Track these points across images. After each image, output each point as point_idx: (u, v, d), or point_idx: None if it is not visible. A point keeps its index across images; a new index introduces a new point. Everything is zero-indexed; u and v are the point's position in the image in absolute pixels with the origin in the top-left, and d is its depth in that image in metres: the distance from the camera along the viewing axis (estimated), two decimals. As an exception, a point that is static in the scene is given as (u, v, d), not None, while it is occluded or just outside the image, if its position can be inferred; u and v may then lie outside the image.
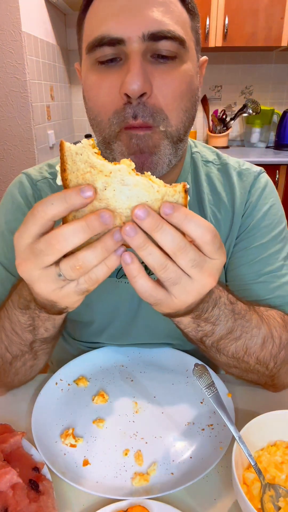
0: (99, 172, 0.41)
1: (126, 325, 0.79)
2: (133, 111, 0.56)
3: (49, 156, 2.40)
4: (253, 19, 2.47)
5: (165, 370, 0.77)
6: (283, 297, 0.72)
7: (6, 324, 0.60)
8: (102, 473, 0.56)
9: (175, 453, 0.60)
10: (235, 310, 0.59)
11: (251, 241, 0.74)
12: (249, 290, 0.73)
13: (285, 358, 0.66)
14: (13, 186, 0.77)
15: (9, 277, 0.73)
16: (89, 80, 0.60)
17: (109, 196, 0.42)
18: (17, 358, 0.64)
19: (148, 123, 0.57)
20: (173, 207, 0.41)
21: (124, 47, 0.55)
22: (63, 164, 0.42)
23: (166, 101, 0.57)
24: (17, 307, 0.57)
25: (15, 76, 2.02)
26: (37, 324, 0.57)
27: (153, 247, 0.42)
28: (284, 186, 2.61)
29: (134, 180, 0.41)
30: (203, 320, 0.56)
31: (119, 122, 0.58)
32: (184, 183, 0.42)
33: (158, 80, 0.57)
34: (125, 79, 0.55)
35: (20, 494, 0.49)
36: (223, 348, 0.62)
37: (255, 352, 0.63)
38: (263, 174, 0.79)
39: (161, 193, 0.42)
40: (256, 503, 0.50)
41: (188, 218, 0.41)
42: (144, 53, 0.56)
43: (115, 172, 0.41)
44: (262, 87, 3.06)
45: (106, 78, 0.58)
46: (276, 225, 0.75)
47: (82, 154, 0.41)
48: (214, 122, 2.98)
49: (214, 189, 0.77)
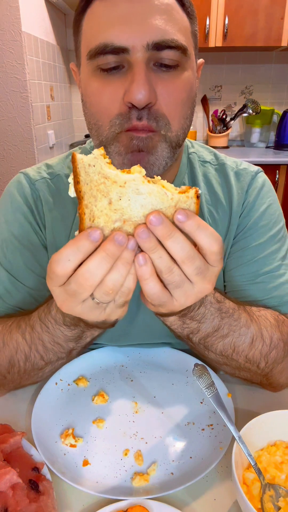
0: (113, 183, 0.42)
1: (125, 326, 0.79)
2: (138, 113, 0.57)
3: (49, 156, 2.40)
4: (253, 19, 2.47)
5: (165, 370, 0.77)
6: (281, 297, 0.72)
7: (45, 337, 0.61)
8: (102, 473, 0.56)
9: (175, 453, 0.60)
10: (222, 309, 0.60)
11: (248, 241, 0.75)
12: (246, 291, 0.73)
13: (277, 358, 0.66)
14: (11, 185, 0.77)
15: (11, 279, 0.73)
16: (91, 87, 0.59)
17: (124, 205, 0.42)
18: (51, 363, 0.66)
19: (152, 126, 0.58)
20: (187, 215, 0.42)
21: (128, 56, 0.55)
22: (76, 177, 0.42)
23: (169, 109, 0.58)
24: (62, 324, 0.58)
25: (15, 76, 2.03)
26: (85, 335, 0.60)
27: (163, 251, 0.43)
28: (284, 186, 2.61)
29: (148, 188, 0.42)
30: (188, 318, 0.57)
31: (122, 123, 0.58)
32: (197, 189, 0.43)
33: (161, 89, 0.57)
34: (131, 88, 0.55)
35: (20, 494, 0.49)
36: (211, 345, 0.63)
37: (243, 351, 0.64)
38: (261, 174, 0.79)
39: (174, 200, 0.43)
40: (256, 503, 0.50)
41: (200, 228, 0.43)
42: (148, 61, 0.56)
43: (129, 182, 0.42)
44: (262, 87, 3.06)
45: (108, 85, 0.57)
46: (273, 224, 0.75)
47: (95, 165, 0.42)
48: (214, 122, 2.98)
49: (211, 189, 0.77)
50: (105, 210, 0.43)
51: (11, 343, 0.64)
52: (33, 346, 0.63)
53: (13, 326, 0.66)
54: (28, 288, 0.73)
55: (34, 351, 0.63)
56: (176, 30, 0.57)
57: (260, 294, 0.72)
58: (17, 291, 0.73)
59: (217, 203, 0.76)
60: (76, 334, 0.59)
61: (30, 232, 0.74)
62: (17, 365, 0.65)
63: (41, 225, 0.74)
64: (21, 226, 0.73)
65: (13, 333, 0.65)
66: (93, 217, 0.43)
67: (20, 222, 0.73)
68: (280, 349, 0.66)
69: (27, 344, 0.63)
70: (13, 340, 0.64)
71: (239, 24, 2.49)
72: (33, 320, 0.62)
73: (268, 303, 0.72)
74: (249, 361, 0.65)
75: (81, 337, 0.61)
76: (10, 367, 0.65)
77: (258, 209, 0.75)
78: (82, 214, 0.43)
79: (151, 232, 0.42)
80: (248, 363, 0.65)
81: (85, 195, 0.42)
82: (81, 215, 0.43)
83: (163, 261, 0.43)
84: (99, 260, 0.42)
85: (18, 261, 0.73)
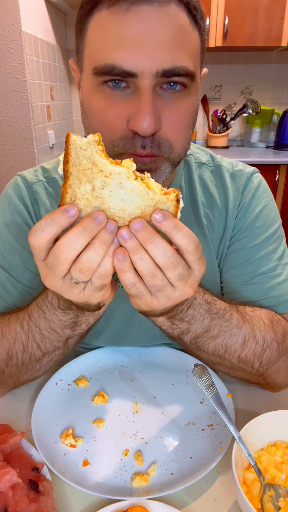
0: (99, 171, 0.42)
1: (122, 329, 0.79)
2: (142, 142, 0.56)
3: (49, 156, 2.40)
4: (253, 19, 2.47)
5: (165, 370, 0.77)
6: (277, 297, 0.72)
7: (42, 324, 0.61)
8: (102, 473, 0.56)
9: (175, 453, 0.60)
10: (211, 310, 0.61)
11: (244, 242, 0.75)
12: (243, 291, 0.74)
13: (271, 358, 0.66)
14: (9, 188, 0.77)
15: (10, 278, 0.73)
16: (95, 103, 0.58)
17: (105, 195, 0.43)
18: (48, 354, 0.66)
19: (155, 153, 0.58)
20: (164, 216, 0.43)
21: (136, 80, 0.54)
22: (67, 156, 0.43)
23: (173, 134, 0.59)
24: (57, 308, 0.59)
25: (15, 76, 2.02)
26: (80, 320, 0.61)
27: (144, 253, 0.44)
28: (284, 186, 2.60)
29: (132, 185, 0.43)
30: (177, 319, 0.58)
31: (125, 147, 0.57)
32: (178, 193, 0.44)
33: (166, 115, 0.57)
34: (136, 117, 0.54)
35: (20, 494, 0.49)
36: (202, 346, 0.63)
37: (236, 351, 0.64)
38: (256, 175, 0.79)
39: (154, 200, 0.44)
40: (256, 503, 0.50)
41: (177, 228, 0.44)
42: (154, 86, 0.55)
43: (114, 174, 0.42)
44: (262, 87, 3.06)
45: (113, 105, 0.56)
46: (269, 225, 0.75)
47: (86, 149, 0.42)
48: (214, 122, 2.98)
49: (207, 191, 0.77)
50: (87, 195, 0.43)
51: (10, 334, 0.64)
52: (30, 335, 0.63)
53: (12, 318, 0.66)
54: (27, 287, 0.73)
55: (31, 341, 0.63)
56: (187, 55, 0.55)
57: (256, 295, 0.72)
58: (16, 290, 0.73)
59: (213, 205, 0.76)
60: (71, 319, 0.60)
61: (27, 233, 0.74)
62: (15, 356, 0.65)
63: None
64: (19, 228, 0.74)
65: (12, 324, 0.65)
66: (74, 198, 0.44)
67: (18, 223, 0.74)
68: (274, 349, 0.66)
69: (24, 333, 0.63)
70: (12, 331, 0.64)
71: (239, 24, 2.49)
72: (31, 307, 0.63)
73: (265, 304, 0.72)
74: (242, 362, 0.65)
75: (76, 323, 0.61)
76: (8, 360, 0.65)
77: (254, 210, 0.75)
78: (64, 192, 0.44)
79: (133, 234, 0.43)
80: (242, 363, 0.65)
81: (71, 176, 0.43)
82: (63, 193, 0.44)
83: (145, 263, 0.44)
84: (76, 234, 0.43)
85: (17, 261, 0.73)
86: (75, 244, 0.43)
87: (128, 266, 0.45)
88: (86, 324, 0.62)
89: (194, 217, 0.76)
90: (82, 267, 0.44)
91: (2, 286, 0.73)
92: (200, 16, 0.58)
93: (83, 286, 0.47)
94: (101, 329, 0.79)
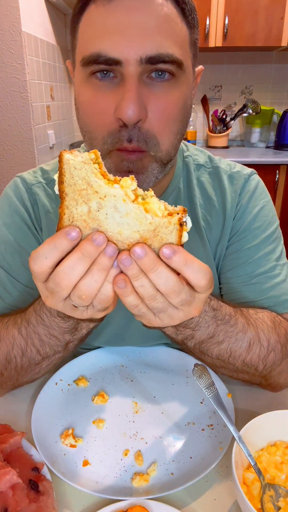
0: (94, 192, 0.41)
1: (121, 329, 0.79)
2: (128, 135, 0.56)
3: (49, 156, 2.40)
4: (253, 19, 2.47)
5: (165, 370, 0.77)
6: (276, 297, 0.72)
7: (41, 330, 0.61)
8: (102, 473, 0.56)
9: (175, 453, 0.60)
10: (217, 316, 0.60)
11: (243, 243, 0.75)
12: (242, 292, 0.74)
13: (275, 360, 0.66)
14: (9, 189, 0.77)
15: (10, 279, 0.73)
16: (83, 96, 0.58)
17: (101, 218, 0.41)
18: (48, 358, 0.65)
19: (142, 147, 0.57)
20: (174, 251, 0.41)
21: (121, 68, 0.54)
22: (61, 176, 0.41)
23: (159, 126, 0.57)
24: (56, 315, 0.58)
25: (15, 76, 2.02)
26: (80, 326, 0.60)
27: (145, 279, 0.43)
28: (284, 186, 2.60)
29: (127, 209, 0.40)
30: (182, 326, 0.57)
31: (113, 143, 0.57)
32: (181, 216, 0.41)
33: (152, 105, 0.56)
34: (121, 105, 0.53)
35: (20, 494, 0.49)
36: (206, 350, 0.63)
37: (240, 355, 0.64)
38: (254, 176, 0.79)
39: (154, 224, 0.41)
40: (256, 503, 0.50)
41: (188, 264, 0.42)
42: (140, 74, 0.54)
43: (109, 197, 0.40)
44: (262, 87, 3.06)
45: (101, 97, 0.56)
46: (267, 226, 0.75)
47: (81, 169, 0.40)
48: (214, 122, 2.98)
49: (205, 193, 0.77)
50: (84, 216, 0.42)
51: (8, 339, 0.64)
52: (29, 340, 0.63)
53: (9, 322, 0.66)
54: (27, 287, 0.73)
55: (30, 346, 0.63)
56: (173, 43, 0.55)
57: (256, 295, 0.73)
58: (16, 290, 0.73)
59: (211, 207, 0.76)
60: (71, 326, 0.59)
61: (27, 235, 0.74)
62: (14, 360, 0.65)
63: (37, 228, 0.75)
64: (19, 229, 0.74)
65: (10, 329, 0.65)
66: (72, 219, 0.42)
67: (17, 224, 0.74)
68: (278, 351, 0.66)
69: (23, 339, 0.63)
70: (10, 336, 0.64)
71: (239, 24, 2.49)
72: (29, 313, 0.63)
73: (264, 304, 0.72)
74: (247, 365, 0.65)
75: (76, 329, 0.60)
76: (7, 363, 0.65)
77: (251, 212, 0.75)
78: (61, 214, 0.42)
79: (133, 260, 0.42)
80: (246, 367, 0.65)
81: (67, 197, 0.41)
82: (61, 214, 0.42)
83: (145, 289, 0.43)
84: (75, 261, 0.41)
85: (17, 262, 0.73)
86: (74, 271, 0.42)
87: (130, 291, 0.44)
88: (87, 329, 0.62)
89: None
90: (81, 294, 0.43)
91: (2, 286, 0.73)
92: (189, 9, 0.57)
93: (84, 309, 0.47)
94: (100, 330, 0.79)
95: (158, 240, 0.42)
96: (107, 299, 0.45)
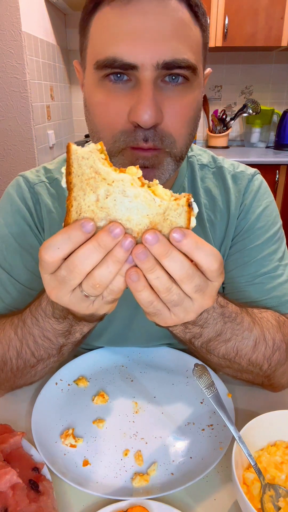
0: (102, 179, 0.41)
1: (123, 329, 0.79)
2: (144, 135, 0.56)
3: (49, 156, 2.40)
4: (253, 19, 2.47)
5: (165, 370, 0.77)
6: (279, 297, 0.72)
7: (35, 331, 0.61)
8: (102, 473, 0.56)
9: (175, 453, 0.60)
10: (224, 313, 0.60)
11: (246, 243, 0.75)
12: (245, 292, 0.74)
13: (280, 360, 0.66)
14: (11, 188, 0.77)
15: (10, 279, 0.73)
16: (96, 97, 0.58)
17: (109, 205, 0.41)
18: (42, 361, 0.65)
19: (158, 146, 0.57)
20: (184, 234, 0.41)
21: (137, 72, 0.54)
22: (69, 167, 0.41)
23: (175, 128, 0.58)
24: (51, 316, 0.58)
25: (15, 76, 2.03)
26: (74, 330, 0.60)
27: (161, 271, 0.42)
28: (284, 186, 2.60)
29: (135, 192, 0.41)
30: (191, 323, 0.57)
31: (127, 140, 0.57)
32: (188, 197, 0.41)
33: (168, 109, 0.56)
34: (137, 109, 0.53)
35: (20, 494, 0.49)
36: (213, 349, 0.62)
37: (246, 354, 0.63)
38: (257, 176, 0.80)
39: (163, 207, 0.41)
40: (256, 503, 0.50)
41: (199, 246, 0.41)
42: (156, 79, 0.55)
43: (117, 182, 0.41)
44: (262, 87, 3.06)
45: (114, 98, 0.56)
46: (270, 226, 0.76)
47: (88, 158, 0.40)
48: (214, 122, 2.98)
49: (209, 193, 0.77)
50: (92, 206, 0.42)
51: (4, 340, 0.64)
52: (24, 341, 0.63)
53: (7, 323, 0.66)
54: (27, 289, 0.73)
55: (25, 347, 0.63)
56: (188, 48, 0.55)
57: (259, 295, 0.73)
58: (16, 291, 0.73)
59: (215, 207, 0.76)
60: (65, 328, 0.59)
61: (29, 234, 0.74)
62: (9, 362, 0.65)
63: (39, 228, 0.75)
64: (20, 228, 0.74)
65: (7, 330, 0.65)
66: (80, 211, 0.42)
67: (19, 224, 0.74)
68: (283, 350, 0.66)
69: (18, 340, 0.63)
70: (6, 337, 0.64)
71: (239, 24, 2.49)
72: (25, 314, 0.62)
73: (267, 304, 0.72)
74: (252, 364, 0.65)
75: (70, 332, 0.60)
76: (3, 364, 0.65)
77: (255, 212, 0.76)
78: (69, 206, 0.42)
79: (149, 251, 0.41)
80: (251, 366, 0.65)
81: (74, 187, 0.41)
82: (68, 206, 0.42)
83: (161, 281, 0.42)
84: (90, 249, 0.41)
85: (18, 262, 0.73)
86: (89, 260, 0.41)
87: (143, 285, 0.43)
88: (80, 333, 0.61)
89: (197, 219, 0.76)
90: (95, 283, 0.43)
91: (2, 286, 0.73)
92: (201, 13, 0.57)
93: (94, 299, 0.47)
94: (102, 330, 0.79)
95: (167, 225, 0.42)
96: (119, 290, 0.45)
